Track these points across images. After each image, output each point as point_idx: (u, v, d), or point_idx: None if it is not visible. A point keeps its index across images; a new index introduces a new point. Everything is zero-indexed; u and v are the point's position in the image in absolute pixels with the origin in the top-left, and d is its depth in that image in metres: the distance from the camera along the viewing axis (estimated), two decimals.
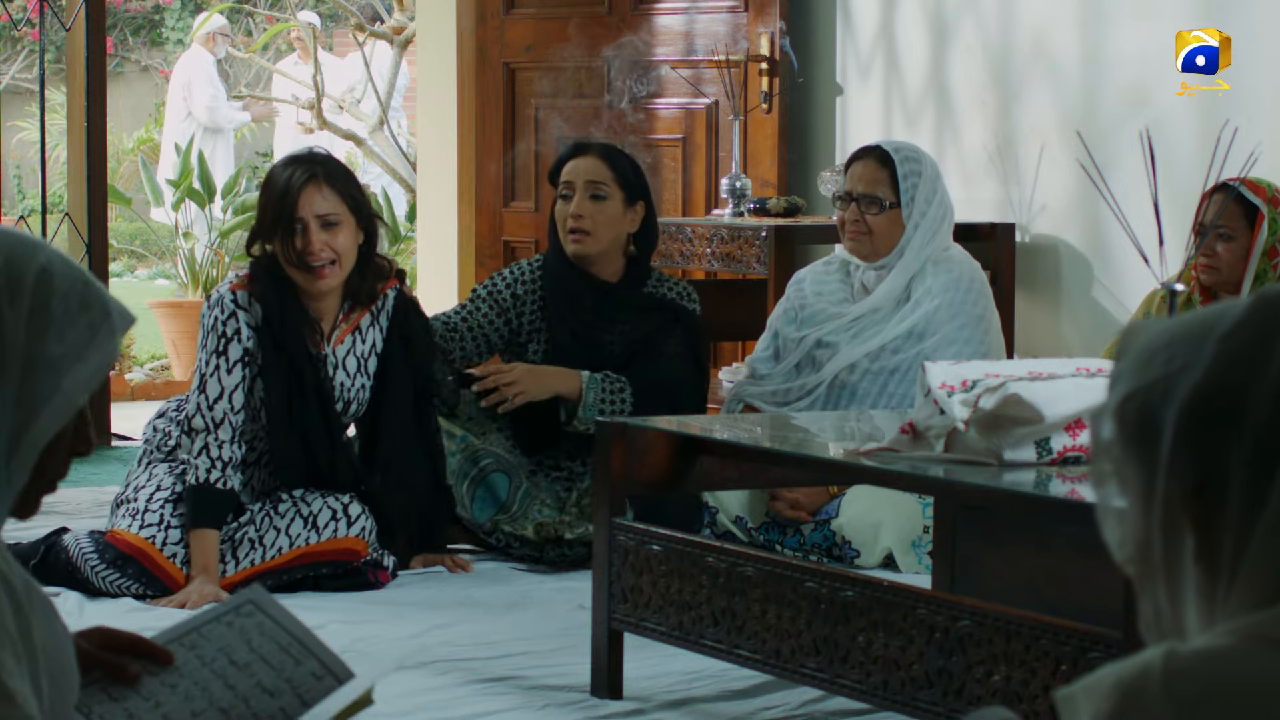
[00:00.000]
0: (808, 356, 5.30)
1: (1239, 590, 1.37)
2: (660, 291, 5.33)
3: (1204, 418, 1.39)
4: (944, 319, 5.13)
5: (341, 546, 4.87)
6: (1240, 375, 1.38)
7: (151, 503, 4.83)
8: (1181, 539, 1.41)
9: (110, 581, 4.73)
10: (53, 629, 1.90)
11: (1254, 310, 1.41)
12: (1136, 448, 1.43)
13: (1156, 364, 1.42)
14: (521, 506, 5.21)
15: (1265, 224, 5.03)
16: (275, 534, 4.84)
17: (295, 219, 4.84)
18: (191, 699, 2.17)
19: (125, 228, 13.82)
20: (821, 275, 5.39)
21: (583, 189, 5.26)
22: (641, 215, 5.31)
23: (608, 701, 3.92)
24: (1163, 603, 1.44)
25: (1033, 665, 3.16)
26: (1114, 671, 1.36)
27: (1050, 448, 3.48)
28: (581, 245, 5.25)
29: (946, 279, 5.16)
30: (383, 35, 11.14)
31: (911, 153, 5.24)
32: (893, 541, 5.05)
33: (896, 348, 5.17)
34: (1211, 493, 1.39)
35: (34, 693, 1.81)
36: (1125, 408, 1.43)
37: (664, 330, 5.26)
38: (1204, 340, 1.40)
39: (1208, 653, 1.34)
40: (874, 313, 5.22)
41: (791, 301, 5.39)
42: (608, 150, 5.40)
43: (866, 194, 5.18)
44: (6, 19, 10.57)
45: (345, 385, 4.97)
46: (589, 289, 5.28)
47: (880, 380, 5.16)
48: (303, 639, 2.24)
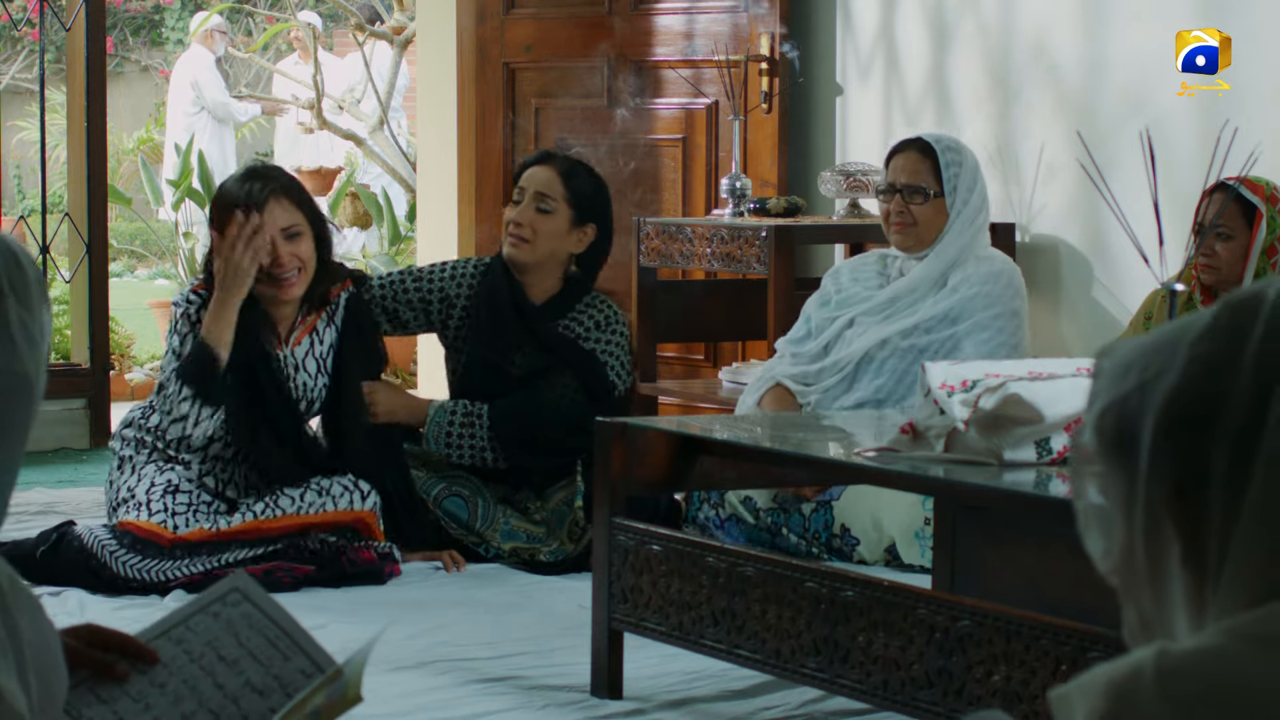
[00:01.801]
0: (838, 336, 5.34)
1: (1227, 591, 1.38)
2: (577, 323, 5.29)
3: (1180, 421, 1.40)
4: (980, 306, 5.19)
5: (354, 516, 4.96)
6: (1213, 378, 1.39)
7: (152, 493, 4.92)
8: (1165, 544, 1.42)
9: (131, 565, 4.78)
10: (39, 626, 1.89)
11: (1223, 313, 1.42)
12: (1116, 457, 1.43)
13: (1131, 375, 1.43)
14: (486, 523, 5.22)
15: (1264, 223, 5.03)
16: (290, 500, 4.93)
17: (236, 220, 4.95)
18: (181, 700, 2.16)
19: (125, 228, 13.83)
20: (858, 266, 5.47)
21: (531, 197, 5.29)
22: (590, 238, 5.31)
23: (608, 701, 3.92)
24: (1148, 609, 1.45)
25: (1033, 665, 3.16)
26: (1106, 671, 1.37)
27: (1050, 448, 3.49)
28: (516, 250, 5.27)
29: (987, 270, 5.23)
30: (383, 35, 11.14)
31: (952, 143, 5.33)
32: (895, 532, 5.07)
33: (929, 328, 5.22)
34: (1192, 495, 1.39)
35: (22, 689, 1.80)
36: (1103, 420, 1.44)
37: (558, 366, 5.27)
38: (1175, 347, 1.41)
39: (1200, 652, 1.35)
40: (910, 293, 5.27)
41: (827, 289, 5.45)
42: (570, 166, 5.39)
43: (910, 184, 5.24)
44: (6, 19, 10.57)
45: (308, 385, 5.07)
46: (511, 308, 5.29)
47: (909, 358, 5.20)
48: (291, 632, 2.23)
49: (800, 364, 5.36)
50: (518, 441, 5.19)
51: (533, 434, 5.19)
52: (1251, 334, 1.39)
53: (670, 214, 6.87)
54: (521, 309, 5.27)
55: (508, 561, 5.17)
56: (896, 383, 5.19)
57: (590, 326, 5.28)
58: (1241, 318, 1.40)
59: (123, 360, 9.02)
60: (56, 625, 1.99)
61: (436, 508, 5.22)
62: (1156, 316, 5.10)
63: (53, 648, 1.93)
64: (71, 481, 6.50)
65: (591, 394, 5.21)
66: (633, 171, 7.07)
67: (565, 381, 5.23)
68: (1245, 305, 1.41)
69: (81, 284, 7.26)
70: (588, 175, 5.39)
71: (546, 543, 5.14)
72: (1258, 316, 1.40)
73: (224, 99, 13.19)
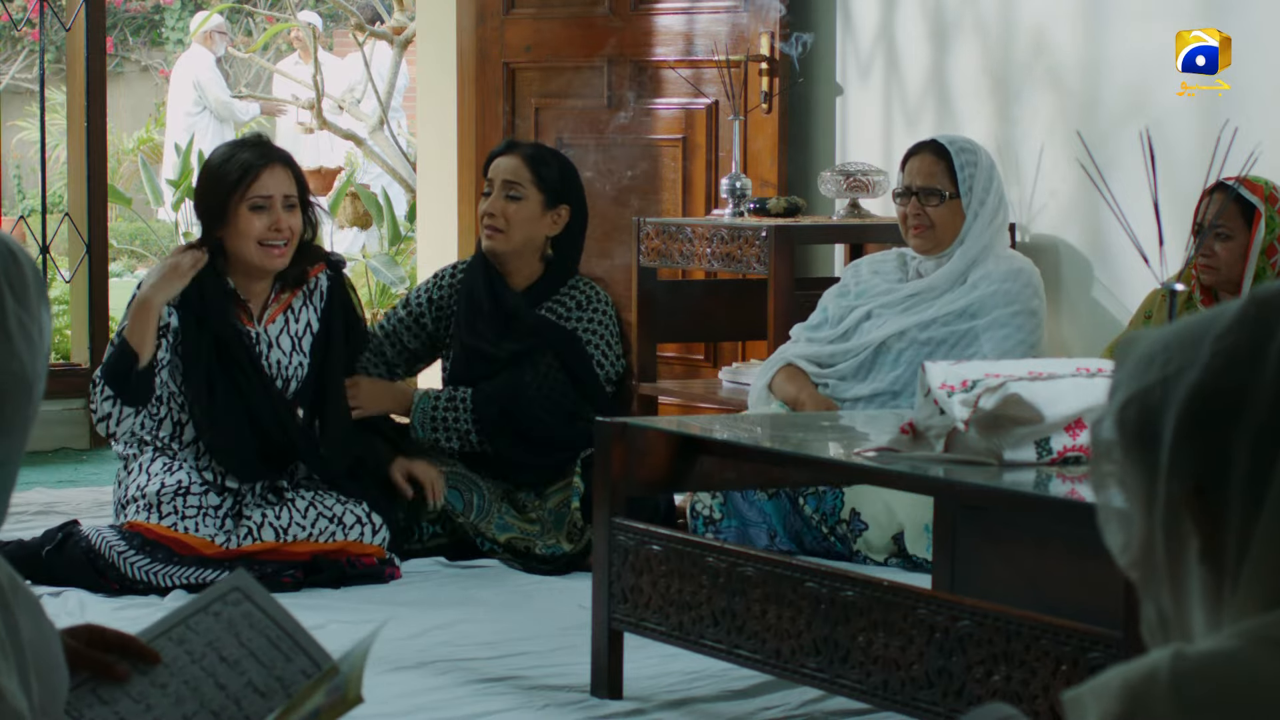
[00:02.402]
0: (856, 326, 5.36)
1: (1245, 590, 1.37)
2: (560, 304, 5.30)
3: (1203, 418, 1.39)
4: (999, 303, 5.23)
5: (364, 550, 4.96)
6: (1237, 374, 1.38)
7: (163, 494, 4.91)
8: (1185, 540, 1.41)
9: (140, 568, 4.79)
10: (39, 625, 1.89)
11: (1248, 309, 1.41)
12: (1137, 451, 1.42)
13: (1154, 368, 1.42)
14: (482, 515, 5.22)
15: (1263, 223, 5.03)
16: (302, 528, 4.92)
17: (263, 197, 4.95)
18: (182, 701, 2.15)
19: (125, 228, 13.82)
20: (878, 262, 5.50)
21: (500, 187, 5.33)
22: (565, 219, 5.34)
23: (608, 701, 3.92)
24: (1166, 606, 1.44)
25: (1033, 665, 3.16)
26: (1120, 673, 1.36)
27: (1050, 448, 3.49)
28: (493, 241, 5.31)
29: (1007, 269, 5.29)
30: (383, 35, 11.14)
31: (966, 144, 5.37)
32: (906, 520, 5.06)
33: (947, 322, 5.25)
34: (1212, 492, 1.39)
35: (23, 690, 1.80)
36: (1125, 412, 1.43)
37: (541, 347, 5.28)
38: (1200, 342, 1.40)
39: (1215, 655, 1.34)
40: (929, 290, 5.31)
41: (846, 281, 5.49)
42: (535, 151, 5.43)
43: (925, 186, 5.27)
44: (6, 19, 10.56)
45: (282, 363, 5.06)
46: (491, 298, 5.31)
47: (926, 351, 5.23)
48: (292, 633, 2.23)
49: (816, 346, 5.39)
50: (500, 422, 5.21)
51: (515, 415, 5.19)
52: (1277, 331, 1.38)
53: (670, 214, 6.86)
54: (499, 297, 5.29)
55: (504, 556, 5.17)
56: (913, 375, 5.19)
57: (572, 307, 5.31)
58: (1268, 314, 1.39)
59: None
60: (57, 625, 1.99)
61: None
62: (1156, 316, 5.10)
63: (53, 648, 1.93)
64: (71, 481, 6.50)
65: (575, 376, 5.22)
66: (633, 171, 7.07)
67: (548, 362, 5.25)
68: (1273, 301, 1.40)
69: (81, 284, 7.26)
70: (553, 158, 5.45)
71: (543, 538, 5.14)
72: None
73: (226, 98, 13.20)
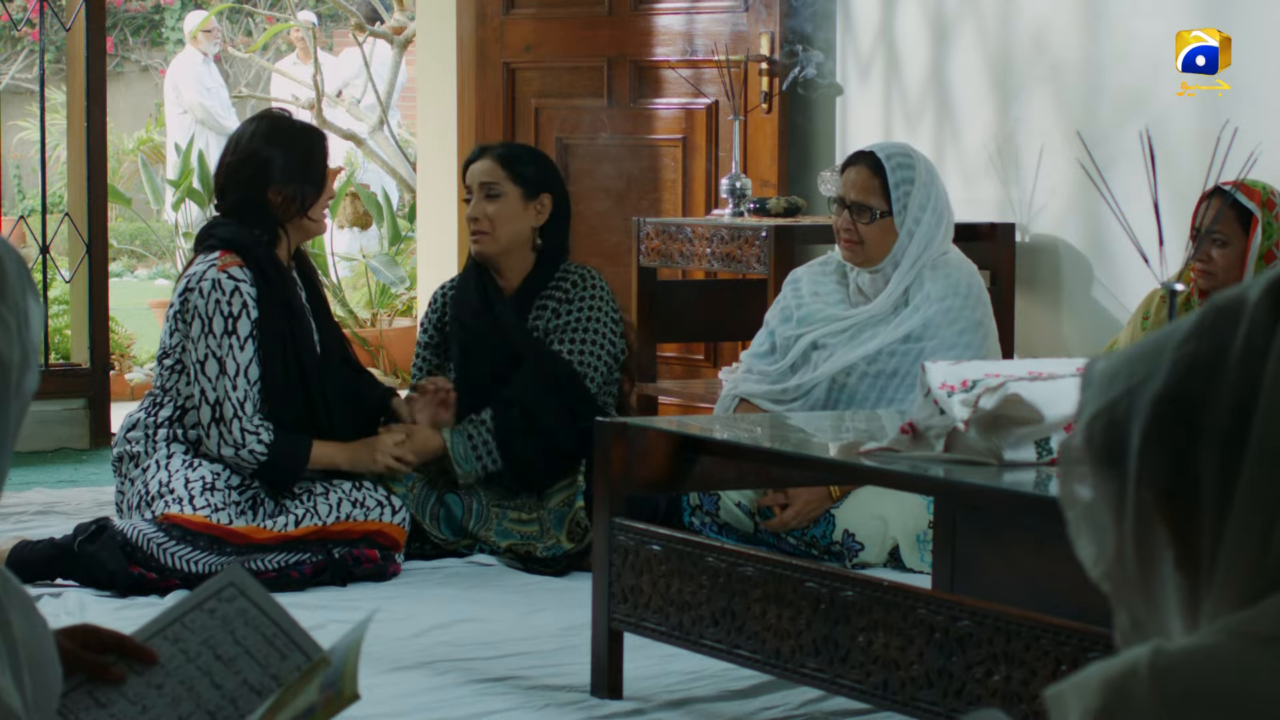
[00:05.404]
0: (803, 357, 5.29)
1: (1220, 591, 1.38)
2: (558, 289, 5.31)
3: (1168, 424, 1.40)
4: (942, 324, 5.12)
5: (382, 528, 5.01)
6: (1199, 378, 1.39)
7: (192, 488, 4.93)
8: (1157, 548, 1.42)
9: (182, 558, 4.81)
10: (32, 623, 1.88)
11: (1206, 315, 1.42)
12: (1106, 463, 1.44)
13: (1119, 381, 1.44)
14: (481, 522, 5.22)
15: (1259, 229, 5.02)
16: (328, 508, 4.98)
17: (330, 171, 5.20)
18: (178, 702, 2.15)
19: (125, 228, 13.83)
20: (818, 275, 5.37)
21: (478, 190, 5.36)
22: (548, 208, 5.36)
23: (608, 701, 3.92)
24: (1140, 613, 1.45)
25: (1033, 665, 3.16)
26: (1101, 669, 1.37)
27: (1050, 448, 3.49)
28: (481, 245, 5.33)
29: (945, 285, 5.14)
30: (382, 35, 11.15)
31: (904, 159, 5.17)
32: (899, 534, 5.05)
33: (894, 350, 5.16)
34: (1182, 497, 1.40)
35: (16, 687, 1.80)
36: (1092, 427, 1.45)
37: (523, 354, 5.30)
38: (1161, 352, 1.42)
39: (1194, 650, 1.35)
40: (870, 318, 5.21)
41: (787, 300, 5.37)
42: (505, 149, 5.50)
43: (858, 202, 5.15)
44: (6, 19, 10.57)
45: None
46: (480, 303, 5.34)
47: (879, 384, 5.15)
48: (287, 629, 2.23)
49: (767, 382, 5.32)
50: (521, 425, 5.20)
51: (536, 434, 5.20)
52: (1236, 334, 1.39)
53: (670, 214, 6.87)
54: (488, 310, 5.31)
55: (505, 559, 5.17)
56: (872, 406, 5.15)
57: (570, 290, 5.31)
58: (1225, 319, 1.40)
59: (123, 360, 9.03)
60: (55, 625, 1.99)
61: (439, 504, 5.23)
62: (1155, 316, 5.10)
63: (46, 644, 1.92)
64: (71, 481, 6.49)
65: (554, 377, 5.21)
66: (633, 171, 7.07)
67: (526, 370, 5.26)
68: (1229, 306, 1.41)
69: (81, 284, 7.26)
70: (524, 152, 5.51)
71: (543, 540, 5.14)
72: (1241, 316, 1.40)
73: (204, 103, 13.08)
